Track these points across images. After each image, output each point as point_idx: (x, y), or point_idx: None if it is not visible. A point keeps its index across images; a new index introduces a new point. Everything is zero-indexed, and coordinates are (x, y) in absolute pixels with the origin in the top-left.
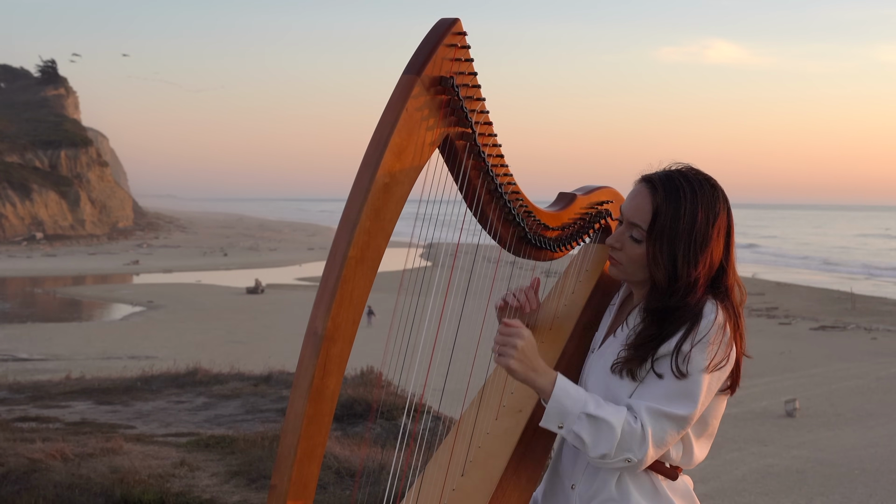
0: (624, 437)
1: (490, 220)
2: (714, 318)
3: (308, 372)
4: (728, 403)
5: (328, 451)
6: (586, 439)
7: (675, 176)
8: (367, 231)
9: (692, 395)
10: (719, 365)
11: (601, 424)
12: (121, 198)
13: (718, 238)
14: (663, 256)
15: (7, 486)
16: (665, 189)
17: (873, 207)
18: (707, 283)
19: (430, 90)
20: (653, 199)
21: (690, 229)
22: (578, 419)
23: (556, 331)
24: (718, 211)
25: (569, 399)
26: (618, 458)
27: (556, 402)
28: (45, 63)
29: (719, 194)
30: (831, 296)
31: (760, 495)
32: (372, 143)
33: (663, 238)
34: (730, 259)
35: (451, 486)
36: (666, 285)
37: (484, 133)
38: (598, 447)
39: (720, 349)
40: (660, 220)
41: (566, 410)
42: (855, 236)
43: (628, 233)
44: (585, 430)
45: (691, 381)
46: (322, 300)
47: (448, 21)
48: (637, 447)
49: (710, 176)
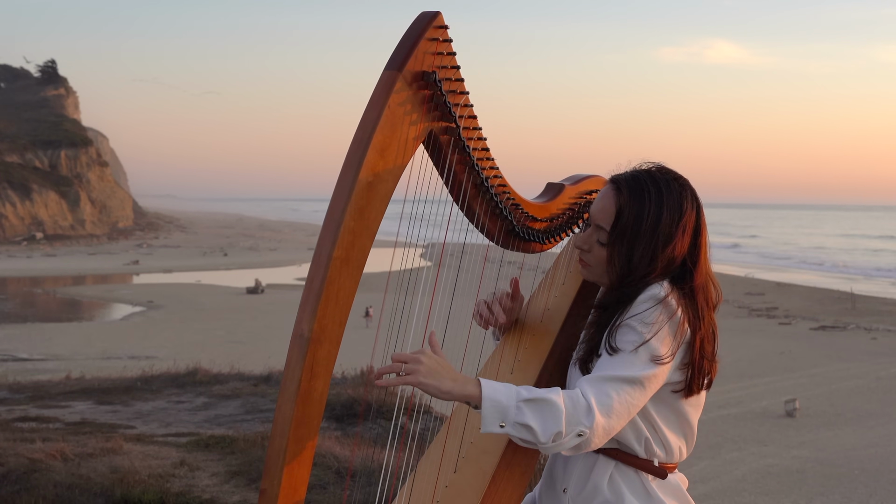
0: (568, 410)
1: (477, 214)
2: (657, 294)
3: (295, 375)
4: (728, 403)
5: (328, 450)
6: (533, 424)
7: (640, 176)
8: (351, 231)
9: (633, 362)
10: (660, 347)
11: (542, 404)
12: (121, 198)
13: (683, 236)
14: (621, 257)
15: (7, 486)
16: (629, 189)
17: (874, 207)
18: (661, 275)
19: (413, 85)
20: (617, 199)
21: (653, 229)
22: (518, 409)
23: (547, 323)
24: (685, 209)
25: (500, 394)
26: (570, 435)
27: (489, 401)
28: (46, 63)
29: (687, 192)
30: (831, 296)
31: (760, 495)
32: (354, 142)
33: (624, 238)
34: (698, 259)
35: (444, 482)
36: (619, 280)
37: (468, 127)
38: (548, 429)
39: (663, 332)
40: (622, 220)
41: (502, 405)
42: (838, 236)
43: (595, 235)
44: (529, 416)
45: (633, 353)
46: (307, 302)
47: (429, 14)
48: (584, 416)
49: (680, 175)
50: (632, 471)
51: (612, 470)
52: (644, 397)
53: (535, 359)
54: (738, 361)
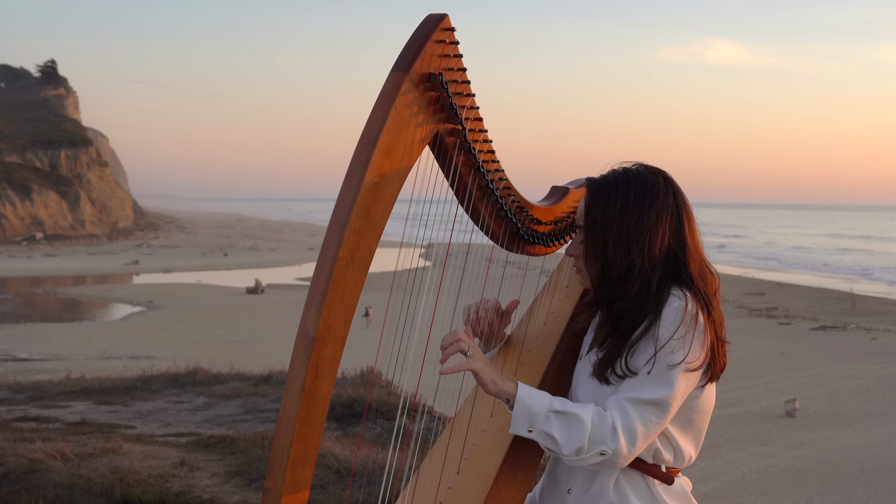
0: (594, 428)
1: (482, 216)
2: (680, 307)
3: (300, 374)
4: (728, 403)
5: (328, 451)
6: (557, 436)
7: (610, 173)
8: (357, 231)
9: (662, 382)
10: (694, 359)
11: (570, 419)
12: (121, 198)
13: (660, 222)
14: (595, 249)
15: (7, 486)
16: (597, 186)
17: (874, 207)
18: (661, 272)
19: (419, 87)
20: (587, 198)
21: (621, 217)
22: (546, 418)
23: (551, 325)
24: (657, 196)
25: (533, 400)
26: (592, 453)
27: (521, 405)
28: (46, 63)
29: (660, 180)
30: (831, 296)
31: (760, 495)
32: (361, 142)
33: (595, 231)
34: (687, 246)
35: (447, 483)
36: (600, 276)
37: (474, 129)
38: (571, 442)
39: (694, 341)
40: (591, 215)
41: (533, 411)
42: (818, 236)
43: (579, 239)
44: (555, 428)
45: (661, 373)
46: (313, 301)
47: (436, 17)
48: (609, 438)
49: (657, 168)
50: (638, 475)
51: (619, 473)
52: (670, 416)
53: (539, 361)
54: (738, 361)
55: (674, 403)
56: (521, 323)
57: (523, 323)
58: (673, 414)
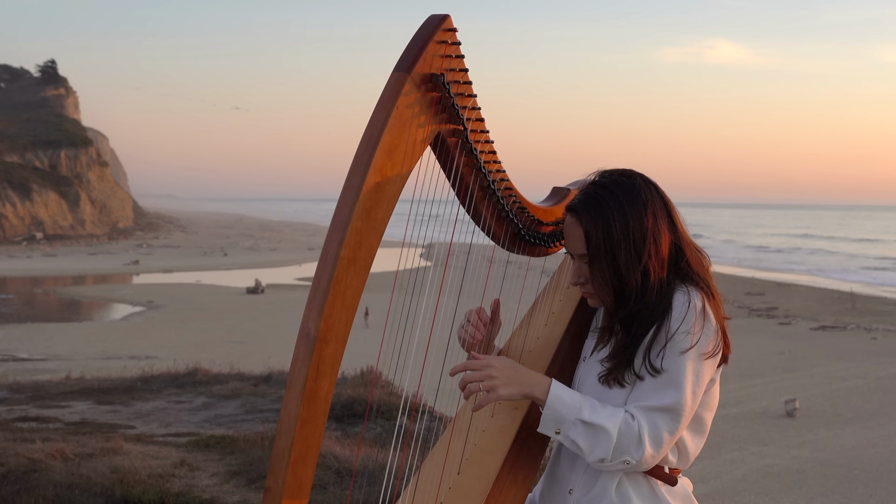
0: (620, 439)
1: (483, 216)
2: (688, 305)
3: (301, 374)
4: (728, 403)
5: (328, 451)
6: (582, 446)
7: (589, 191)
8: (358, 231)
9: (676, 383)
10: (708, 351)
11: (597, 430)
12: (121, 198)
13: (657, 223)
14: (605, 274)
15: (7, 486)
16: (585, 208)
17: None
18: (665, 270)
19: (421, 87)
20: (580, 224)
21: (625, 232)
22: (574, 426)
23: (552, 326)
24: (644, 197)
25: (563, 406)
26: (616, 462)
27: (550, 409)
28: (46, 63)
29: (638, 180)
30: (831, 296)
31: (760, 495)
32: (362, 143)
33: (601, 255)
34: (678, 234)
35: (448, 483)
36: (617, 298)
37: (476, 129)
38: (595, 453)
39: (704, 333)
40: (592, 240)
41: (561, 417)
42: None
43: (580, 266)
44: (581, 437)
45: (672, 371)
46: (314, 301)
47: (438, 17)
48: (634, 448)
49: (623, 169)
50: (641, 476)
51: (621, 474)
52: (691, 416)
53: (540, 361)
54: (738, 361)
55: (695, 404)
56: (522, 324)
57: (524, 324)
58: (694, 412)
